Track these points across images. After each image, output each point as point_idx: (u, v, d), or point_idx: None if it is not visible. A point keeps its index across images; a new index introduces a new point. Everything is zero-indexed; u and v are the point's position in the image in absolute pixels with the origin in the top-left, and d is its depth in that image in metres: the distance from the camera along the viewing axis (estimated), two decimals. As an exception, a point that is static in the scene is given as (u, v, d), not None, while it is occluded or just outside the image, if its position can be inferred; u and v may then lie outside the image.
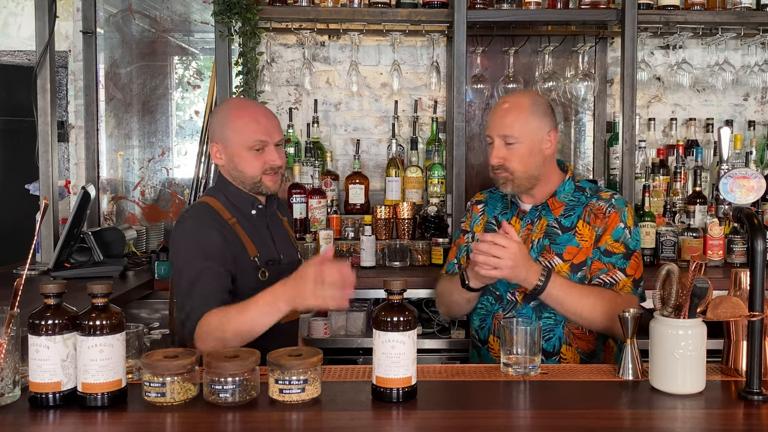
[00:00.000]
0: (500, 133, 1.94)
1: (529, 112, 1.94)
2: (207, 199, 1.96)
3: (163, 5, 3.52)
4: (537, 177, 1.96)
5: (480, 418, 1.32)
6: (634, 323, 1.55)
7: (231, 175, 1.96)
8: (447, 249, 2.94)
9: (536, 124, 1.94)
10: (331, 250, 2.24)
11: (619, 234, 1.92)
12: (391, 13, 3.04)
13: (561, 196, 2.00)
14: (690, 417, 1.36)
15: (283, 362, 1.36)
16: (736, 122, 3.41)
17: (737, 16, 3.04)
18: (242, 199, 1.97)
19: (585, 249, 1.93)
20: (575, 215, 1.97)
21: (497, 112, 1.97)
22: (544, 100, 2.02)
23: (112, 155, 3.55)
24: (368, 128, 3.47)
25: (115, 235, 2.95)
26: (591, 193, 2.01)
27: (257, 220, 1.99)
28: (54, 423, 1.30)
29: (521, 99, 1.98)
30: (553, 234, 1.96)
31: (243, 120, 1.91)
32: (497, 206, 2.11)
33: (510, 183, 1.96)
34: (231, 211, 1.93)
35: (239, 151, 1.91)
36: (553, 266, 1.91)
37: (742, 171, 1.50)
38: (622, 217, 1.94)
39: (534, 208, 2.01)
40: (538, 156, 1.95)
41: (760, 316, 1.39)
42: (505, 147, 1.94)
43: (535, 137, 1.93)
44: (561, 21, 3.15)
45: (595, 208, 1.96)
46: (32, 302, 1.38)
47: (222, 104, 2.14)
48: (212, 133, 1.97)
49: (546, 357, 1.94)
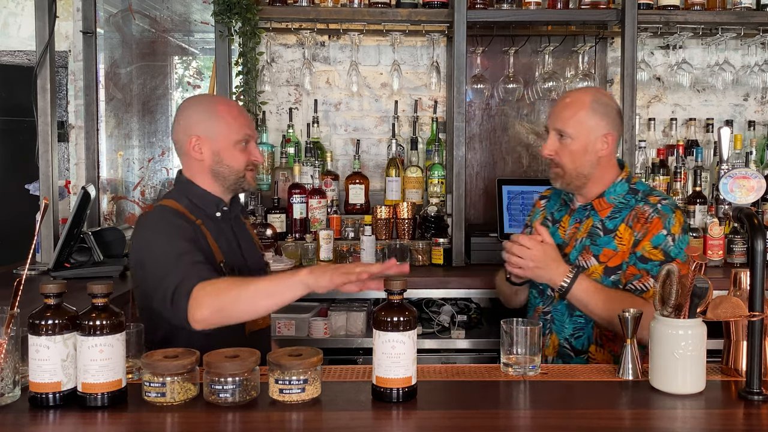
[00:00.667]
0: (555, 126, 1.95)
1: (589, 109, 1.93)
2: (167, 202, 1.86)
3: (163, 5, 3.52)
4: (588, 176, 1.95)
5: (480, 418, 1.32)
6: (634, 323, 1.55)
7: (212, 171, 1.87)
8: (447, 249, 2.95)
9: (593, 123, 1.93)
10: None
11: (660, 241, 1.87)
12: (391, 13, 3.04)
13: (610, 198, 1.97)
14: (690, 417, 1.36)
15: (283, 362, 1.36)
16: (736, 122, 3.41)
17: (737, 16, 3.04)
18: (207, 200, 1.89)
19: (621, 253, 1.90)
20: (620, 218, 1.94)
21: (558, 105, 1.99)
22: (608, 101, 1.98)
23: (112, 155, 3.55)
24: (368, 128, 3.47)
25: (115, 235, 2.94)
26: (642, 196, 1.96)
27: (222, 222, 1.91)
28: (54, 423, 1.30)
29: (583, 96, 1.97)
30: (594, 235, 1.96)
31: (230, 113, 1.88)
32: (557, 203, 2.13)
33: (560, 178, 1.97)
34: (195, 214, 1.85)
35: (226, 146, 1.86)
36: (588, 267, 1.92)
37: (742, 171, 1.50)
38: (666, 223, 1.88)
39: (582, 207, 2.01)
40: (591, 155, 1.93)
41: (760, 316, 1.39)
42: (559, 141, 1.95)
43: (590, 136, 1.93)
44: (561, 21, 3.15)
45: (640, 212, 1.92)
46: (32, 302, 1.38)
47: (197, 99, 2.07)
48: (190, 126, 1.86)
49: (575, 355, 1.96)
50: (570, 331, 1.97)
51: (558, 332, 1.99)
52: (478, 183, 3.46)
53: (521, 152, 3.46)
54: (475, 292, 2.77)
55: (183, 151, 1.90)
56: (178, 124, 1.90)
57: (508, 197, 3.11)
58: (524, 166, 3.47)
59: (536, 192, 3.18)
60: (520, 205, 3.10)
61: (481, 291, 2.75)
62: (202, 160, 1.87)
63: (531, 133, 3.46)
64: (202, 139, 1.85)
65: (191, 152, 1.87)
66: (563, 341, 1.98)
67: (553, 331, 2.00)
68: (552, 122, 1.97)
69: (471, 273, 2.81)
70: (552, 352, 2.00)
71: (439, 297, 2.87)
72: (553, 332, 2.00)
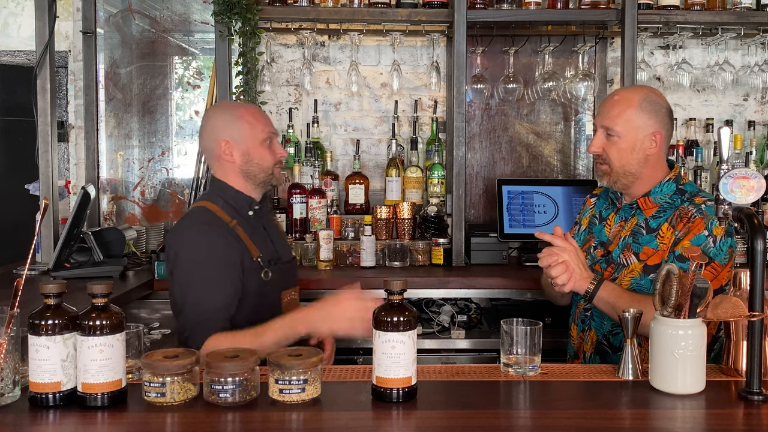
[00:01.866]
0: (603, 123, 1.96)
1: (637, 108, 1.93)
2: (204, 203, 1.97)
3: (163, 5, 3.51)
4: (635, 174, 1.95)
5: (480, 418, 1.32)
6: (634, 323, 1.55)
7: (243, 172, 1.97)
8: (447, 249, 2.95)
9: (642, 122, 1.93)
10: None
11: (700, 241, 1.84)
12: (391, 13, 3.04)
13: (656, 197, 1.97)
14: (690, 417, 1.36)
15: (283, 362, 1.36)
16: (736, 122, 3.41)
17: (737, 16, 3.04)
18: (240, 200, 1.99)
19: (662, 252, 1.90)
20: (664, 218, 1.94)
21: (606, 103, 1.99)
22: (658, 99, 1.98)
23: (112, 155, 3.55)
24: (368, 128, 3.47)
25: (115, 235, 2.94)
26: (688, 197, 1.95)
27: (254, 220, 2.01)
28: (54, 423, 1.30)
29: (632, 94, 1.97)
30: (637, 233, 1.96)
31: (252, 115, 2.00)
32: (605, 201, 2.14)
33: (607, 176, 1.98)
34: (230, 214, 1.94)
35: (254, 146, 1.97)
36: (628, 264, 1.93)
37: (742, 171, 1.50)
38: (708, 223, 1.85)
39: (629, 205, 2.01)
40: (639, 153, 1.93)
41: (760, 316, 1.39)
42: (606, 138, 1.95)
43: (638, 135, 1.93)
44: (561, 21, 3.15)
45: (684, 211, 1.90)
46: (32, 302, 1.38)
47: (219, 107, 2.20)
48: (217, 133, 1.98)
49: (612, 351, 1.97)
50: (609, 327, 1.97)
51: (597, 329, 2.00)
52: (478, 183, 3.47)
53: (521, 152, 3.47)
54: (475, 292, 2.77)
55: (214, 156, 2.00)
56: (205, 131, 2.01)
57: (508, 197, 3.11)
58: (524, 166, 3.47)
59: (536, 192, 3.21)
60: (520, 205, 3.10)
61: (481, 291, 2.76)
62: (233, 162, 1.97)
63: (531, 133, 3.47)
64: (230, 143, 1.96)
65: (222, 156, 1.97)
66: (601, 337, 1.99)
67: (592, 328, 2.01)
68: (600, 120, 1.98)
69: (471, 273, 2.82)
70: (590, 348, 2.01)
71: (439, 297, 2.87)
72: (592, 328, 2.01)
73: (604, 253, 2.03)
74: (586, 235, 2.14)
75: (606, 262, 2.01)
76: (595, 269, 2.00)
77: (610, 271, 1.98)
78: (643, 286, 1.90)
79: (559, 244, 1.88)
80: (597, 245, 2.06)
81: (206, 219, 1.91)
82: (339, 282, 2.71)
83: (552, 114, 3.46)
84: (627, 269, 1.93)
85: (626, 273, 1.93)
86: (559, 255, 1.86)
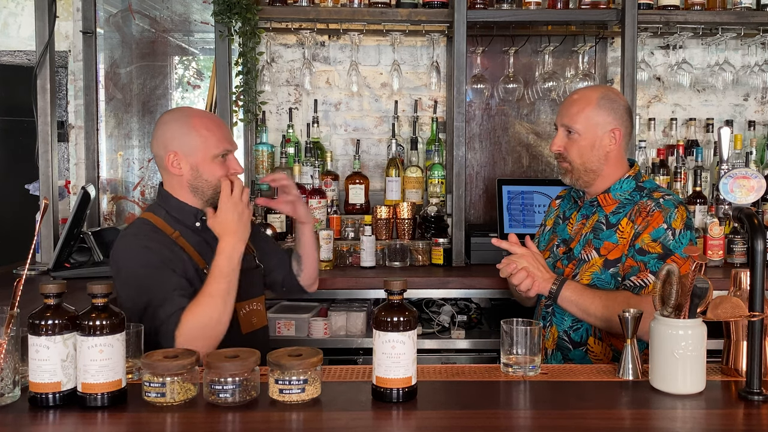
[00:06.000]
0: (563, 122, 1.99)
1: (596, 106, 1.96)
2: (147, 215, 1.91)
3: (163, 5, 3.51)
4: (596, 172, 1.99)
5: (480, 418, 1.32)
6: (634, 323, 1.55)
7: (191, 186, 1.88)
8: (447, 249, 2.95)
9: (601, 119, 1.96)
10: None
11: (659, 234, 1.88)
12: (391, 13, 3.04)
13: (616, 194, 2.00)
14: (690, 417, 1.36)
15: (283, 362, 1.36)
16: (736, 122, 3.41)
17: (737, 16, 3.04)
18: (184, 212, 1.91)
19: (621, 246, 1.93)
20: (623, 213, 1.97)
21: (566, 102, 2.03)
22: (616, 97, 2.01)
23: (112, 155, 3.55)
24: (368, 128, 3.47)
25: (115, 235, 2.92)
26: (647, 192, 1.98)
27: (203, 232, 1.91)
28: (54, 423, 1.30)
29: (591, 93, 2.00)
30: (598, 229, 1.99)
31: (207, 128, 1.88)
32: (569, 201, 2.17)
33: (569, 174, 2.01)
34: (173, 225, 1.88)
35: (204, 160, 1.87)
36: (589, 260, 1.95)
37: (742, 171, 1.50)
38: (667, 217, 1.88)
39: (589, 202, 2.05)
40: (599, 150, 1.97)
41: (760, 316, 1.39)
42: (567, 137, 1.99)
43: (597, 132, 1.96)
44: (561, 21, 3.15)
45: (642, 206, 1.93)
46: (32, 302, 1.38)
47: (173, 114, 1.99)
48: (167, 142, 1.87)
49: (573, 347, 1.99)
50: (569, 323, 1.99)
51: (558, 324, 2.02)
52: (478, 183, 3.47)
53: (521, 152, 3.47)
54: (475, 292, 2.77)
55: (162, 166, 1.92)
56: (155, 139, 1.92)
57: (508, 197, 3.11)
58: (524, 166, 3.47)
59: (536, 192, 3.21)
60: (520, 205, 3.10)
61: (481, 291, 2.76)
62: (180, 175, 1.89)
63: (531, 133, 3.46)
64: (179, 154, 1.87)
65: (170, 167, 1.88)
66: (562, 333, 2.01)
67: (553, 324, 2.03)
68: (560, 119, 2.01)
69: (471, 273, 2.81)
70: (552, 344, 2.03)
71: (439, 297, 2.87)
72: (553, 324, 2.03)
73: (566, 250, 2.06)
74: (551, 235, 2.17)
75: (567, 259, 2.04)
76: (557, 266, 2.04)
77: (572, 267, 2.00)
78: (604, 280, 1.94)
79: (517, 251, 1.92)
80: (560, 243, 2.10)
81: (145, 231, 1.85)
82: (339, 282, 2.72)
83: (552, 114, 3.45)
84: (588, 264, 1.96)
85: (587, 268, 1.96)
86: (518, 262, 1.90)
